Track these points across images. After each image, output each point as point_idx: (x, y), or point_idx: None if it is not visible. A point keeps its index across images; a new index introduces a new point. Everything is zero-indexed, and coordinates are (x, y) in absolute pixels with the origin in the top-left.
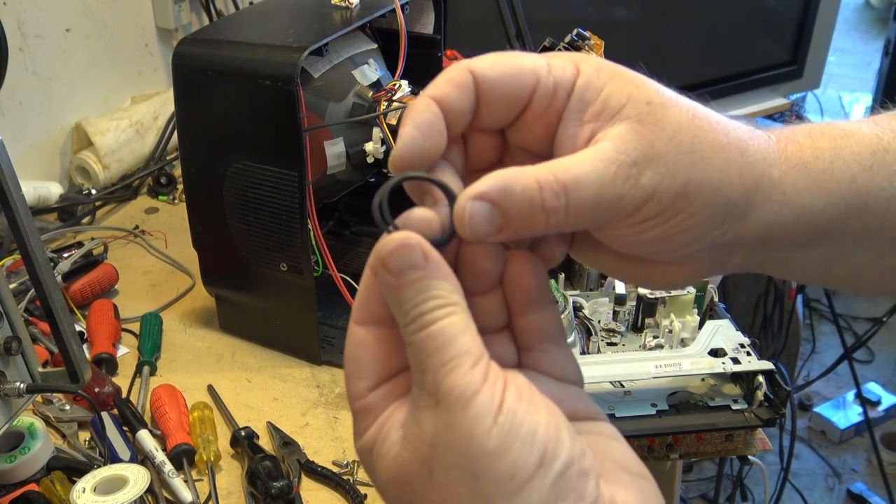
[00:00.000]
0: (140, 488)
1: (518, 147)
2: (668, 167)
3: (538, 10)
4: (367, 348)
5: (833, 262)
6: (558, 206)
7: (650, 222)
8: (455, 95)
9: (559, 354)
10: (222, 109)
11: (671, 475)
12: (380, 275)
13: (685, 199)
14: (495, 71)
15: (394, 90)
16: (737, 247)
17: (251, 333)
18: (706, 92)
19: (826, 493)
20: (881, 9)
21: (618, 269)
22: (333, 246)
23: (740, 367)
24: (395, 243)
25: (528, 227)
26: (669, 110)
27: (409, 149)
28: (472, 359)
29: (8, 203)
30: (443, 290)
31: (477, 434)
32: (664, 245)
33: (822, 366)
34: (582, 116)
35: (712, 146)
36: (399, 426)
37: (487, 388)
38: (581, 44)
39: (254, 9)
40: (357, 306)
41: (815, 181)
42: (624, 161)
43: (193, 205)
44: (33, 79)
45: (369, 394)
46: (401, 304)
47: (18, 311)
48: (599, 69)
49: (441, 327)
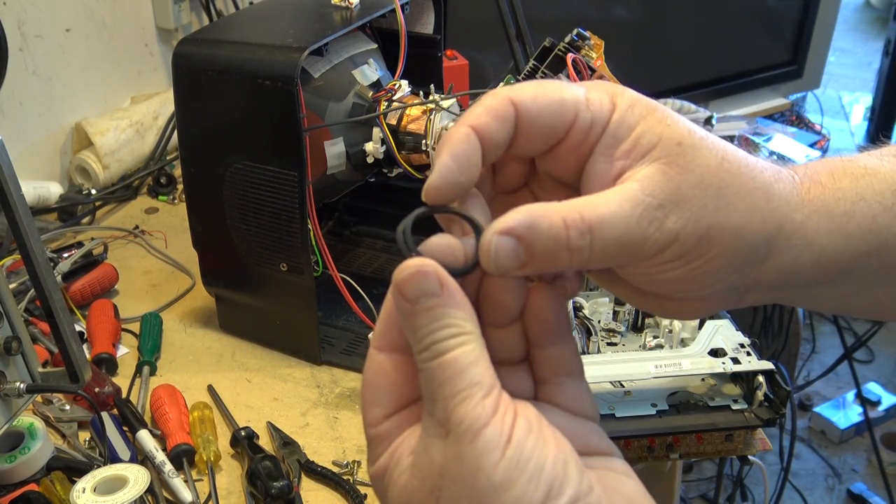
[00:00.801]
0: (140, 488)
1: (546, 174)
2: (693, 212)
3: (538, 10)
4: (385, 376)
5: (852, 296)
6: (583, 246)
7: (672, 264)
8: (494, 127)
9: (575, 389)
10: (222, 109)
11: (671, 475)
12: (396, 300)
13: (707, 244)
14: (538, 104)
15: (394, 90)
16: (755, 287)
17: (251, 333)
18: (706, 92)
19: (826, 493)
20: (881, 9)
21: (634, 299)
22: (333, 246)
23: (740, 367)
24: (411, 270)
25: (551, 263)
26: (699, 152)
27: (444, 180)
28: (484, 390)
29: (8, 203)
30: (457, 319)
31: (484, 467)
32: (684, 285)
33: (822, 366)
34: (613, 153)
35: (738, 192)
36: (409, 453)
37: (497, 420)
38: (581, 44)
39: (254, 9)
40: (377, 333)
41: (837, 223)
42: (650, 203)
43: (193, 205)
44: (33, 79)
45: (384, 421)
46: (415, 331)
47: (18, 311)
48: (634, 105)
49: (453, 357)
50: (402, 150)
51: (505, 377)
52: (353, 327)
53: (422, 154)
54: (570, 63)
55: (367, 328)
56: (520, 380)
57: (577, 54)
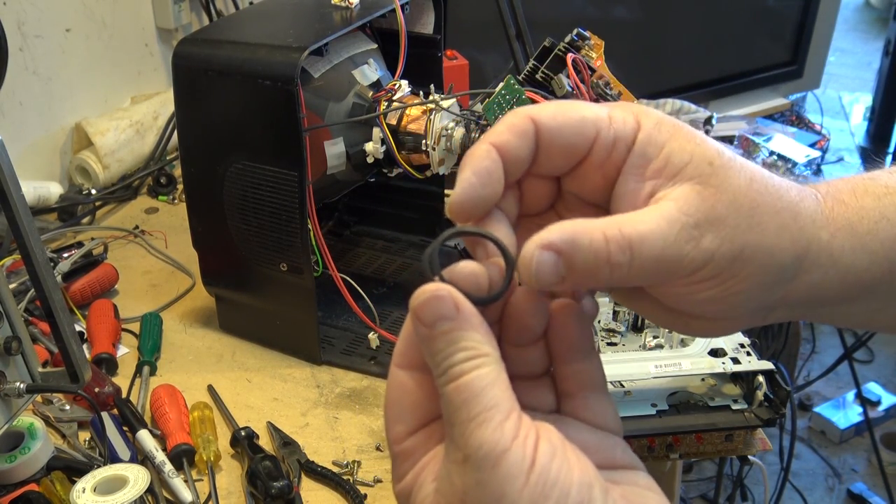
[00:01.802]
0: (140, 488)
1: (573, 195)
2: (728, 231)
3: (538, 10)
4: (407, 393)
5: (877, 312)
6: (623, 262)
7: (706, 283)
8: (515, 143)
9: (599, 403)
10: (222, 109)
11: (671, 475)
12: (414, 325)
13: (741, 264)
14: (557, 121)
15: (394, 90)
16: (781, 305)
17: (251, 333)
18: (706, 92)
19: (826, 493)
20: (881, 9)
21: (659, 318)
22: (333, 246)
23: (740, 367)
24: (427, 294)
25: (591, 279)
26: (729, 172)
27: (467, 195)
28: (502, 413)
29: (8, 203)
30: (473, 342)
31: (508, 493)
32: (715, 305)
33: (822, 366)
34: (643, 172)
35: (768, 211)
36: (433, 478)
37: (518, 445)
38: (581, 44)
39: (254, 9)
40: (398, 351)
41: (861, 242)
42: (687, 222)
43: (193, 205)
44: (33, 79)
45: (407, 438)
46: (433, 355)
47: (18, 311)
48: (660, 124)
49: (469, 380)
50: (402, 150)
51: (527, 392)
52: (353, 327)
53: (422, 154)
54: (570, 63)
55: (367, 328)
56: (542, 394)
57: (577, 54)
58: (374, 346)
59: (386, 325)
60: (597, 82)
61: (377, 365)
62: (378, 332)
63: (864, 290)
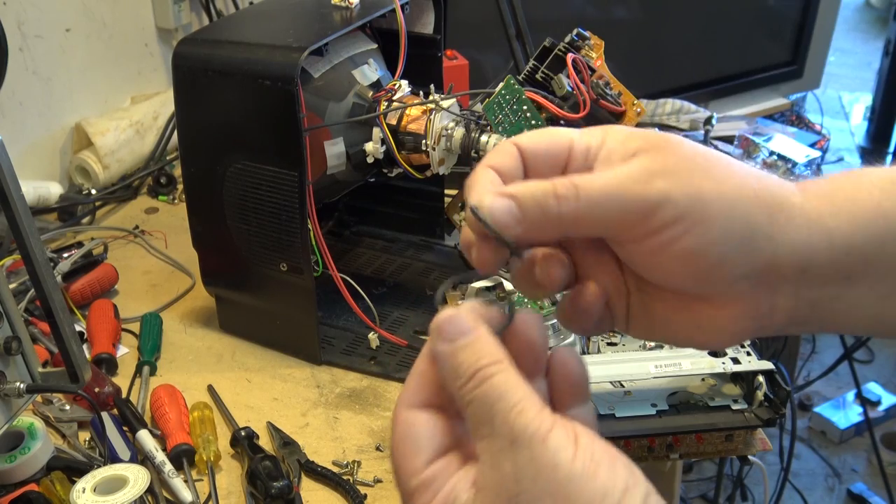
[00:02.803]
0: (140, 488)
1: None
2: (682, 177)
3: (538, 10)
4: (422, 426)
5: (887, 298)
6: (569, 195)
7: (670, 230)
8: (506, 160)
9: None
10: (222, 109)
11: (671, 475)
12: (435, 346)
13: (701, 206)
14: (533, 140)
15: (394, 90)
16: (776, 280)
17: (251, 333)
18: (706, 92)
19: (826, 493)
20: (881, 9)
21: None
22: (333, 246)
23: (740, 367)
24: (446, 314)
25: (543, 215)
26: (684, 144)
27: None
28: (538, 405)
29: (8, 203)
30: (494, 349)
31: (562, 462)
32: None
33: (822, 366)
34: (611, 161)
35: (726, 171)
36: (468, 487)
37: (560, 426)
38: (581, 44)
39: (254, 9)
40: (411, 392)
41: (840, 207)
42: (636, 171)
43: (193, 205)
44: (33, 79)
45: (427, 467)
46: (457, 368)
47: (18, 311)
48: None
49: (500, 379)
50: (402, 150)
51: None
52: (353, 327)
53: (422, 154)
54: (570, 63)
55: (367, 328)
56: None
57: (577, 54)
58: (374, 346)
59: (386, 325)
60: (597, 82)
61: (377, 365)
62: (378, 332)
63: (861, 260)
